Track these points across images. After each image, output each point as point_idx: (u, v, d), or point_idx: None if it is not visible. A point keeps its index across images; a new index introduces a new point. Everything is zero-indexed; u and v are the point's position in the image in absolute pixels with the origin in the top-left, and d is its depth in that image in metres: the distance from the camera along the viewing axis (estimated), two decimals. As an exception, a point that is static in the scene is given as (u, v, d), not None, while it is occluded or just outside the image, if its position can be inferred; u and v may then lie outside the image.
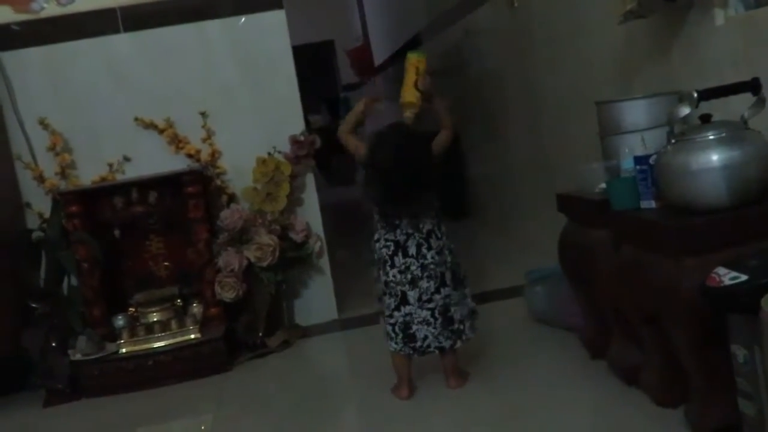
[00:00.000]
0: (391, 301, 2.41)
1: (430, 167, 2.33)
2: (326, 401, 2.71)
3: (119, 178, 3.42)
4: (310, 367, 3.19)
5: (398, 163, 2.28)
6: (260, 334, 3.26)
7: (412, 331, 2.39)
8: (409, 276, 2.38)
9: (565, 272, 2.60)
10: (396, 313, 2.40)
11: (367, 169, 2.36)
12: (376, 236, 2.45)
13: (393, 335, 2.42)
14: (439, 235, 2.43)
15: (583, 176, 2.42)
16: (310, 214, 3.51)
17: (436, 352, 2.44)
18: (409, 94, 2.43)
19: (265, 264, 3.20)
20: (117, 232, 3.27)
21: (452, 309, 2.42)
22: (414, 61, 2.46)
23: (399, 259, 2.39)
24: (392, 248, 2.40)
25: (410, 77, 2.44)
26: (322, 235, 3.53)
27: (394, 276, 2.39)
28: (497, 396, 2.44)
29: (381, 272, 2.43)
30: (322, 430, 2.50)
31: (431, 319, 2.39)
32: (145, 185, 3.23)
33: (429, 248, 2.40)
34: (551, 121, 3.73)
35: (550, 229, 2.73)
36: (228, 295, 3.19)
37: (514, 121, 4.31)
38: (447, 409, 2.42)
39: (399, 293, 2.39)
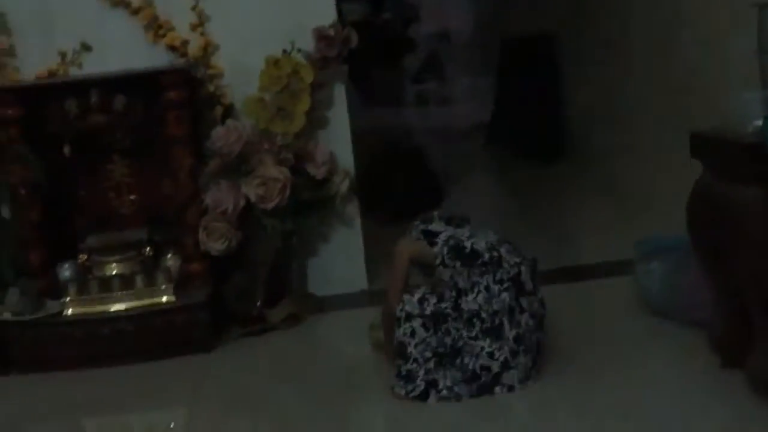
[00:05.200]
0: None
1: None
2: (340, 400, 2.72)
3: (74, 73, 3.43)
4: (325, 353, 3.23)
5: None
6: (258, 303, 3.29)
7: None
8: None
9: (695, 244, 2.56)
10: None
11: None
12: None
13: None
14: None
15: (732, 109, 2.41)
16: (338, 142, 3.51)
17: None
18: None
19: (270, 206, 3.21)
20: (67, 149, 3.27)
21: None
22: None
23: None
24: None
25: None
26: (352, 171, 3.51)
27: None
28: (590, 416, 2.46)
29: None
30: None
31: None
32: (109, 86, 3.22)
33: None
34: (687, 32, 3.73)
35: (675, 182, 2.72)
36: (216, 245, 3.20)
37: (636, 33, 4.33)
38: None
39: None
